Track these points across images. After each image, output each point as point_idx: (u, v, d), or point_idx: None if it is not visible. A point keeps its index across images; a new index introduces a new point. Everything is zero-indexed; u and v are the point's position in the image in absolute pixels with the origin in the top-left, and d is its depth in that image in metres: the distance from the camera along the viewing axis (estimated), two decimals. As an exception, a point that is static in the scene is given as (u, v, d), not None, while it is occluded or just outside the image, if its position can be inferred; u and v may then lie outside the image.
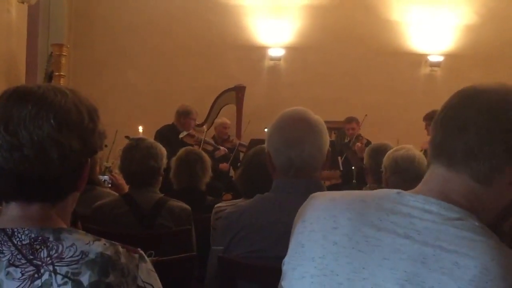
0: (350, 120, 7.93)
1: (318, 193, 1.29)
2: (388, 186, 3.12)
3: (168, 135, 6.92)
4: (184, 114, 7.17)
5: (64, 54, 6.92)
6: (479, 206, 1.15)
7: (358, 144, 7.52)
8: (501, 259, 1.04)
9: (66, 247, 1.12)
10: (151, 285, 1.18)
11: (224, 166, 7.35)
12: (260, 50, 9.67)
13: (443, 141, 1.15)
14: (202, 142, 7.10)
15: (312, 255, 1.16)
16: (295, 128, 2.07)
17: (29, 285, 1.08)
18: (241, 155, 7.35)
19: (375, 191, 1.21)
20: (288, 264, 1.21)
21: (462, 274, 1.02)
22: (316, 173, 2.12)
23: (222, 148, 7.52)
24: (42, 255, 1.11)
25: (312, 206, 1.24)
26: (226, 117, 8.32)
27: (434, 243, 1.06)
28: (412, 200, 1.13)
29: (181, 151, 4.10)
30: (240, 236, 2.08)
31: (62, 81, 6.75)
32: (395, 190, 1.17)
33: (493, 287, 1.01)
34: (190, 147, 4.54)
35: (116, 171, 5.23)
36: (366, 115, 7.69)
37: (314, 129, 2.08)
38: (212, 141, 7.53)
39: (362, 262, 1.10)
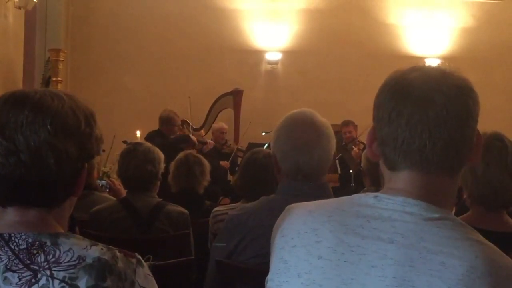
0: (346, 123, 7.93)
1: (294, 204, 1.25)
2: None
3: (156, 140, 6.93)
4: (166, 122, 7.11)
5: (61, 59, 6.93)
6: (449, 198, 1.17)
7: (355, 149, 7.51)
8: (484, 254, 1.05)
9: (63, 252, 1.12)
10: (149, 289, 1.17)
11: (224, 163, 7.35)
12: (257, 54, 9.69)
13: (412, 144, 1.11)
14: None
15: (298, 271, 1.13)
16: (303, 133, 2.04)
17: (26, 290, 1.08)
18: (239, 160, 7.34)
19: (352, 196, 1.19)
20: (272, 281, 1.18)
21: (450, 274, 1.02)
22: (324, 177, 2.12)
23: (209, 141, 7.51)
24: (39, 259, 1.10)
25: (290, 220, 1.21)
26: (224, 121, 8.32)
27: (419, 245, 1.05)
28: (391, 203, 1.11)
29: (181, 154, 4.13)
30: (248, 240, 2.07)
31: (59, 86, 6.75)
32: (372, 194, 1.15)
33: (482, 284, 1.01)
34: (189, 152, 4.54)
35: (114, 176, 5.23)
36: (366, 129, 7.62)
37: (322, 134, 2.06)
38: (200, 139, 7.53)
39: (350, 273, 1.07)
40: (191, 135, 7.29)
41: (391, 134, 1.13)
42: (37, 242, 1.12)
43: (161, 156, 3.27)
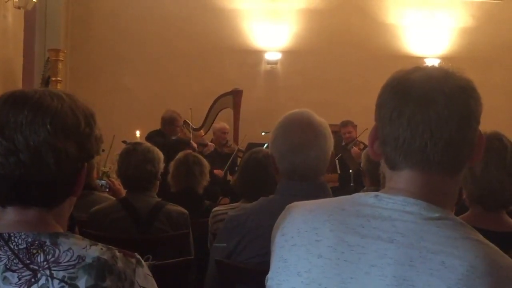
0: (345, 124, 7.91)
1: (294, 203, 1.26)
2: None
3: (157, 140, 6.93)
4: (168, 122, 7.14)
5: (61, 59, 6.93)
6: (450, 198, 1.16)
7: (356, 149, 7.51)
8: (485, 254, 1.05)
9: (63, 252, 1.12)
10: (148, 289, 1.17)
11: (219, 172, 7.33)
12: (256, 54, 9.69)
13: (413, 143, 1.11)
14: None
15: (298, 270, 1.13)
16: (300, 133, 2.05)
17: (26, 289, 1.08)
18: (239, 160, 7.34)
19: (352, 196, 1.19)
20: (272, 279, 1.18)
21: (450, 273, 1.02)
22: (321, 177, 2.12)
23: (210, 143, 7.53)
24: (39, 259, 1.10)
25: (291, 219, 1.21)
26: (223, 121, 8.32)
27: (418, 244, 1.05)
28: (391, 203, 1.12)
29: (180, 154, 4.12)
30: (247, 240, 2.08)
31: (59, 86, 6.74)
32: (372, 194, 1.15)
33: (481, 283, 1.01)
34: (189, 151, 4.54)
35: (113, 175, 5.23)
36: (366, 128, 7.51)
37: (319, 134, 2.07)
38: (201, 141, 7.54)
39: (349, 272, 1.08)
40: (191, 141, 7.28)
41: (392, 134, 1.13)
42: (37, 242, 1.12)
43: (161, 156, 3.27)
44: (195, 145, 7.15)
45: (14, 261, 1.10)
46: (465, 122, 1.12)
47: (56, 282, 1.09)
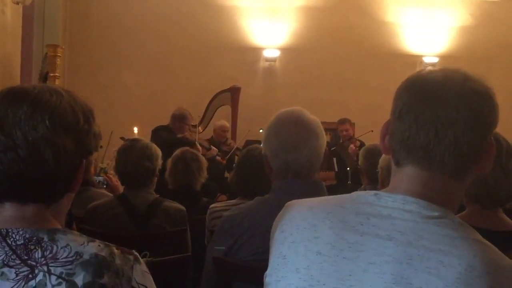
0: (342, 121, 7.91)
1: (294, 201, 1.26)
2: (384, 186, 3.12)
3: (163, 135, 6.94)
4: (179, 119, 7.17)
5: (59, 55, 6.90)
6: (452, 200, 1.17)
7: (352, 146, 7.52)
8: (483, 254, 1.05)
9: (61, 248, 1.12)
10: (146, 286, 1.18)
11: (220, 160, 7.37)
12: (255, 51, 9.68)
13: (417, 139, 1.12)
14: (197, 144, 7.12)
15: (296, 266, 1.13)
16: (292, 131, 2.05)
17: (23, 285, 1.08)
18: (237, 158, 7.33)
19: (352, 194, 1.19)
20: (271, 276, 1.19)
21: (448, 272, 1.02)
22: (315, 174, 2.11)
23: (213, 148, 7.54)
24: (36, 255, 1.10)
25: (290, 216, 1.22)
26: (221, 118, 8.32)
27: (417, 243, 1.06)
28: (391, 201, 1.12)
29: (178, 150, 4.11)
30: (244, 240, 2.07)
31: (57, 82, 6.72)
32: (372, 192, 1.16)
33: (479, 283, 1.01)
34: (186, 148, 4.54)
35: (111, 172, 5.23)
36: (372, 130, 7.46)
37: (311, 132, 2.07)
38: (205, 144, 7.54)
39: (347, 269, 1.08)
40: (197, 143, 7.25)
41: (400, 128, 1.15)
42: (35, 238, 1.12)
43: (158, 152, 3.27)
44: (199, 147, 7.13)
45: (12, 257, 1.10)
46: (472, 127, 1.11)
47: (53, 278, 1.09)
